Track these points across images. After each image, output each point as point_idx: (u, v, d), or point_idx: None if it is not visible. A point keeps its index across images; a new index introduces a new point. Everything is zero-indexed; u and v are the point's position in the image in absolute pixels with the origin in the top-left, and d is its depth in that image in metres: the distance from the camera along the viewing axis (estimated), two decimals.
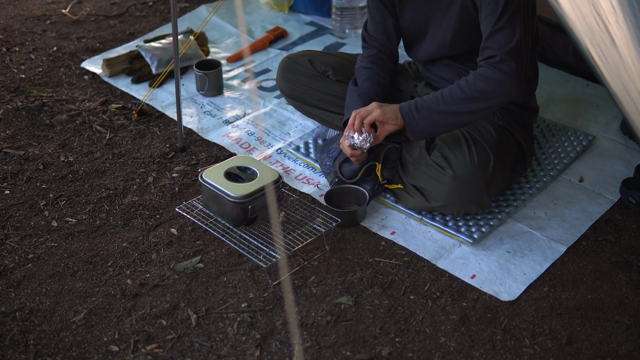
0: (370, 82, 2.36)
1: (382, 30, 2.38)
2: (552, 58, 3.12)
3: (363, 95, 2.32)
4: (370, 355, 1.87)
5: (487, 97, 2.06)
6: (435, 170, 2.18)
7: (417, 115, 2.13)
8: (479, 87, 2.05)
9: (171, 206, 2.37)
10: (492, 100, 2.07)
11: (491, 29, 2.03)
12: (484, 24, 2.07)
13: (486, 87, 2.04)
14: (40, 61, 3.22)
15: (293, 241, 2.16)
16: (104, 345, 1.90)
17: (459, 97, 2.07)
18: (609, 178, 2.48)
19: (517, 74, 2.03)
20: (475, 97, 2.06)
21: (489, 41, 2.04)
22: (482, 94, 2.05)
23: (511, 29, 2.01)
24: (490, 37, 2.04)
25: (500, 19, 2.01)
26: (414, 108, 2.13)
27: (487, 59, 2.05)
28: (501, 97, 2.07)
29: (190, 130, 2.77)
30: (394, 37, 2.39)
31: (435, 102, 2.10)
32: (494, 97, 2.07)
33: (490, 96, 2.06)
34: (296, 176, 2.52)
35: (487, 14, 2.04)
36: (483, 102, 2.07)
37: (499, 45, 2.02)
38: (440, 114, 2.10)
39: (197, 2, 3.76)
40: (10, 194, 2.44)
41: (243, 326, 1.95)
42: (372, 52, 2.41)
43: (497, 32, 2.02)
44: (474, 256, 2.17)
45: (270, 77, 3.12)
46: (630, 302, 2.02)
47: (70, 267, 2.15)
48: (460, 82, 2.09)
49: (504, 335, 1.92)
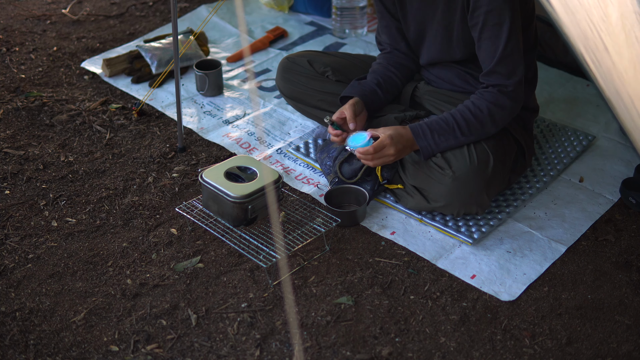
0: (374, 74, 2.40)
1: (389, 33, 2.42)
2: (552, 58, 3.12)
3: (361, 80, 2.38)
4: (370, 355, 1.87)
5: (500, 124, 2.20)
6: (435, 170, 2.18)
7: (435, 148, 2.17)
8: (495, 117, 2.16)
9: (171, 206, 2.37)
10: (502, 125, 2.21)
11: (498, 57, 2.11)
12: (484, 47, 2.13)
13: (501, 117, 2.17)
14: (40, 61, 3.22)
15: (293, 241, 2.16)
16: (104, 345, 1.90)
17: (474, 127, 2.16)
18: (609, 178, 2.48)
19: (522, 100, 2.19)
20: (490, 125, 2.17)
21: (498, 67, 2.12)
22: (497, 122, 2.17)
23: (515, 55, 2.12)
24: (498, 64, 2.12)
25: (507, 45, 2.09)
26: (433, 143, 2.16)
27: (499, 87, 2.15)
28: (508, 121, 2.22)
29: (190, 130, 2.77)
30: (400, 38, 2.40)
31: (452, 133, 2.16)
32: (504, 123, 2.21)
33: (503, 122, 2.21)
34: (296, 176, 2.52)
35: (489, 36, 2.10)
36: (495, 127, 2.19)
37: (508, 74, 2.13)
38: (455, 140, 2.17)
39: (197, 2, 3.76)
40: (10, 194, 2.44)
41: (243, 326, 1.95)
42: (386, 50, 2.45)
43: (504, 60, 2.11)
44: (474, 256, 2.17)
45: (270, 77, 3.12)
46: (630, 302, 2.02)
47: (70, 267, 2.15)
48: (474, 110, 2.15)
49: (504, 335, 1.92)
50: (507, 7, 2.05)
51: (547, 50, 3.11)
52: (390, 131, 2.15)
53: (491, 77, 2.15)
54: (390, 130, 2.15)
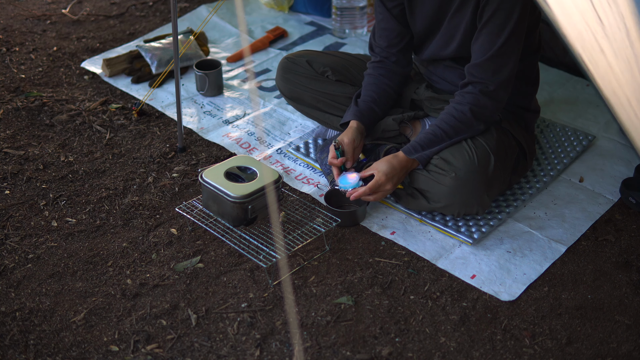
0: (368, 90, 2.39)
1: (387, 37, 2.38)
2: (552, 58, 3.12)
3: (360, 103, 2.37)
4: (370, 355, 1.87)
5: (488, 120, 2.23)
6: (436, 171, 2.18)
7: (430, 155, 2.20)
8: (479, 117, 2.19)
9: (171, 206, 2.37)
10: (490, 121, 2.24)
11: (491, 53, 2.12)
12: (482, 40, 2.13)
13: (485, 116, 2.20)
14: (40, 61, 3.22)
15: (293, 241, 2.16)
16: (104, 345, 1.90)
17: (462, 129, 2.19)
18: (609, 178, 2.48)
19: (505, 101, 2.21)
20: (476, 124, 2.20)
21: (487, 62, 2.13)
22: (482, 120, 2.21)
23: (507, 57, 2.13)
24: (488, 60, 2.13)
25: (503, 45, 2.11)
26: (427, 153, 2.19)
27: (480, 86, 2.16)
28: (495, 117, 2.25)
29: (190, 130, 2.77)
30: (396, 43, 2.38)
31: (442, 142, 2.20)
32: (491, 119, 2.24)
33: (490, 119, 2.24)
34: (296, 176, 2.52)
35: (489, 31, 2.11)
36: (483, 124, 2.22)
37: (494, 71, 2.14)
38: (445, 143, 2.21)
39: (197, 2, 3.76)
40: (10, 194, 2.44)
41: (243, 326, 1.95)
42: (376, 58, 2.43)
43: (495, 58, 2.13)
44: (474, 256, 2.17)
45: (270, 77, 3.12)
46: (630, 302, 2.02)
47: (70, 267, 2.15)
48: (458, 115, 2.19)
49: (504, 335, 1.92)
50: (517, 12, 2.07)
51: (547, 50, 3.11)
52: (383, 167, 2.17)
53: (476, 70, 2.16)
54: (383, 166, 2.17)
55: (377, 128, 2.40)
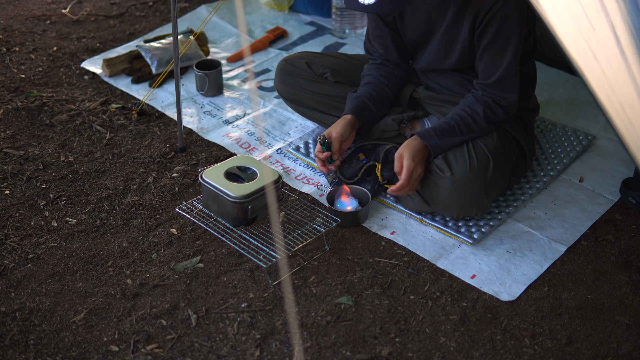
0: (366, 87, 2.39)
1: (381, 43, 2.39)
2: (552, 58, 3.12)
3: (355, 98, 2.36)
4: (370, 355, 1.87)
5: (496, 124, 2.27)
6: (435, 174, 2.18)
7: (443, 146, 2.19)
8: (491, 119, 2.23)
9: (171, 206, 2.37)
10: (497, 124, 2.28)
11: (498, 76, 2.17)
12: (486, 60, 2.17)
13: (495, 120, 2.24)
14: (40, 61, 3.22)
15: (293, 241, 2.16)
16: (104, 345, 1.90)
17: (473, 128, 2.22)
18: (609, 178, 2.48)
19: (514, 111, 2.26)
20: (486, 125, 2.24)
21: (498, 84, 2.19)
22: (492, 123, 2.25)
23: (513, 77, 2.18)
24: (497, 82, 2.18)
25: (509, 67, 2.15)
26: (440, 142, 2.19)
27: (495, 98, 2.20)
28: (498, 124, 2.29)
29: (190, 130, 2.77)
30: (394, 49, 2.38)
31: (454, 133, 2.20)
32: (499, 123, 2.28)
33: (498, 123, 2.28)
34: (296, 176, 2.52)
35: (493, 53, 2.15)
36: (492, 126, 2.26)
37: (505, 91, 2.20)
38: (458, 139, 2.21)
39: (197, 2, 3.76)
40: (10, 194, 2.44)
41: (243, 326, 1.95)
42: (377, 61, 2.43)
43: (503, 80, 2.18)
44: (474, 256, 2.17)
45: (270, 77, 3.12)
46: (630, 302, 2.02)
47: (70, 267, 2.15)
48: (471, 113, 2.21)
49: (504, 335, 1.92)
50: (516, 31, 2.10)
51: (547, 50, 3.11)
52: (406, 153, 2.14)
53: (488, 89, 2.20)
54: (405, 152, 2.15)
55: (377, 128, 2.40)
